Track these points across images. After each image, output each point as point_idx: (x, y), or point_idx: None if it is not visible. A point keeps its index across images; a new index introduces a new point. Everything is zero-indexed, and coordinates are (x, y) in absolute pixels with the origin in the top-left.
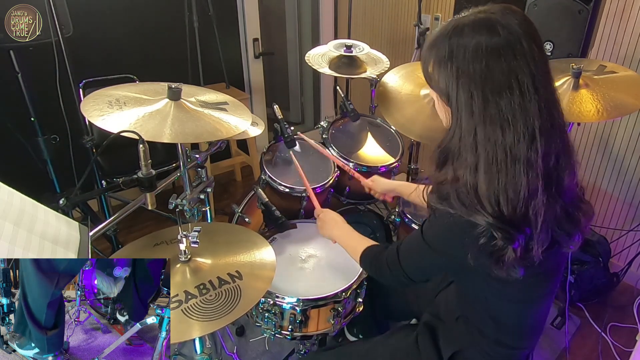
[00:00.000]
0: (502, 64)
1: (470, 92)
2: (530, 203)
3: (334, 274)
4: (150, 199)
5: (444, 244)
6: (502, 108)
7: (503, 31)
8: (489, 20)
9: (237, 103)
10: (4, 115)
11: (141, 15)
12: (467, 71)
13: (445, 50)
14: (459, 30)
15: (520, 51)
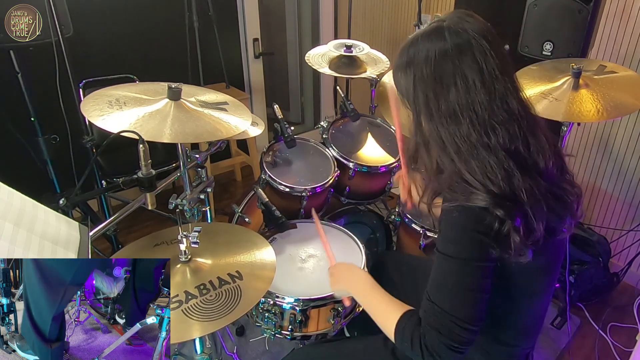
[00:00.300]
0: (449, 64)
1: (425, 94)
2: (511, 182)
3: None
4: (150, 199)
5: (467, 244)
6: (452, 104)
7: (450, 36)
8: (438, 27)
9: (237, 103)
10: (4, 115)
11: (141, 15)
12: (421, 75)
13: (404, 59)
14: (415, 40)
15: (467, 51)
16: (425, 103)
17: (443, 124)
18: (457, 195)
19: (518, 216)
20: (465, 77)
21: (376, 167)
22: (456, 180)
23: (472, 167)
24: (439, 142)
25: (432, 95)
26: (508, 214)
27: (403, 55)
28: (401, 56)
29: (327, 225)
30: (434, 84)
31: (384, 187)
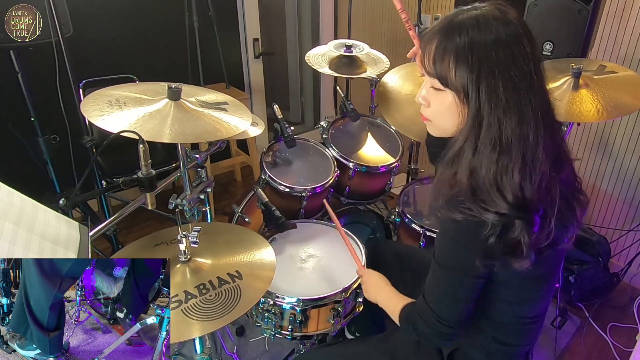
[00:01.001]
0: (523, 49)
1: (495, 82)
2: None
3: (334, 274)
4: (150, 199)
5: (456, 258)
6: (524, 94)
7: (515, 20)
8: (499, 10)
9: (237, 103)
10: (4, 115)
11: (141, 15)
12: (490, 60)
13: (464, 42)
14: (473, 22)
15: (528, 39)
16: (490, 93)
17: (510, 117)
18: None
19: (536, 222)
20: (532, 67)
21: (376, 167)
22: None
23: (519, 169)
24: (493, 137)
25: (504, 83)
26: (528, 221)
27: (458, 37)
28: (454, 39)
29: (327, 225)
30: (507, 70)
31: (384, 187)
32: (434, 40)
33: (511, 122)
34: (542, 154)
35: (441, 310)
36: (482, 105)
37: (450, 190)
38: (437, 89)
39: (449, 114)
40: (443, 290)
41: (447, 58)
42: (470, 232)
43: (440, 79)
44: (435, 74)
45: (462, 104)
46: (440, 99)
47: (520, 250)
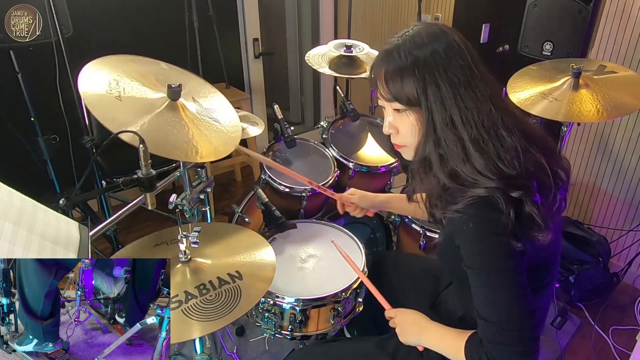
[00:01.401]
0: (455, 53)
1: (437, 83)
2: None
3: (334, 274)
4: (150, 199)
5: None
6: (467, 87)
7: (444, 29)
8: (428, 25)
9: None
10: (4, 115)
11: (141, 16)
12: (431, 67)
13: (405, 59)
14: (409, 41)
15: (460, 40)
16: (436, 95)
17: (459, 111)
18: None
19: (536, 191)
20: (469, 63)
21: (376, 167)
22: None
23: (487, 153)
24: (453, 134)
25: (446, 82)
26: (526, 192)
27: (401, 55)
28: (396, 59)
29: (327, 225)
30: (445, 71)
31: (384, 187)
32: (382, 68)
33: (458, 116)
34: (504, 131)
35: (507, 314)
36: (432, 108)
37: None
38: (398, 111)
39: (415, 131)
40: (497, 292)
41: (395, 77)
42: (486, 216)
43: (397, 99)
44: (392, 96)
45: (419, 116)
46: (404, 121)
47: (537, 223)
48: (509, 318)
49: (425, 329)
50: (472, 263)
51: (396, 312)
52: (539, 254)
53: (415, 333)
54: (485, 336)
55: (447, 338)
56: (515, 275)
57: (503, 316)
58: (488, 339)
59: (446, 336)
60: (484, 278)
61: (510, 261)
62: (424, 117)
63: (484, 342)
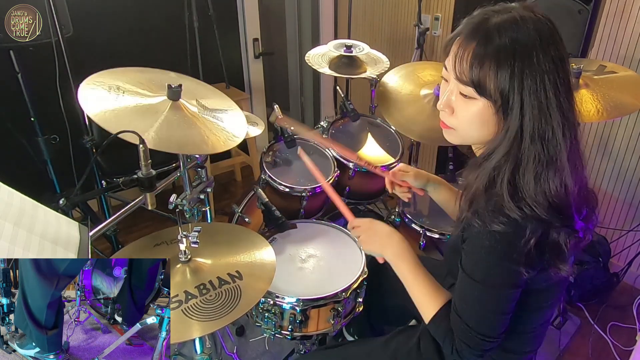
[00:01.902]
0: (561, 53)
1: (538, 89)
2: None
3: (334, 274)
4: (150, 199)
5: (496, 271)
6: (567, 96)
7: (547, 20)
8: (531, 11)
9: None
10: (4, 115)
11: (141, 16)
12: (532, 66)
13: (506, 46)
14: (511, 24)
15: (560, 39)
16: (537, 96)
17: (551, 127)
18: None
19: (579, 226)
20: (566, 70)
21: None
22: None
23: (562, 176)
24: (548, 144)
25: (551, 87)
26: (569, 227)
27: (494, 44)
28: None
29: (327, 226)
30: (555, 73)
31: (384, 187)
32: (471, 44)
33: (556, 134)
34: (580, 159)
35: (483, 328)
36: (526, 114)
37: (488, 201)
38: (467, 97)
39: (478, 123)
40: (483, 307)
41: (488, 63)
42: (510, 243)
43: (476, 86)
44: (470, 80)
45: (495, 113)
46: (469, 108)
47: (563, 254)
48: (484, 330)
49: (398, 247)
50: (472, 272)
51: (362, 221)
52: (545, 280)
53: (382, 244)
54: (456, 330)
55: (419, 277)
56: (507, 302)
57: (479, 326)
58: (460, 336)
59: (419, 273)
60: (477, 290)
61: (509, 289)
62: (513, 121)
63: (455, 334)
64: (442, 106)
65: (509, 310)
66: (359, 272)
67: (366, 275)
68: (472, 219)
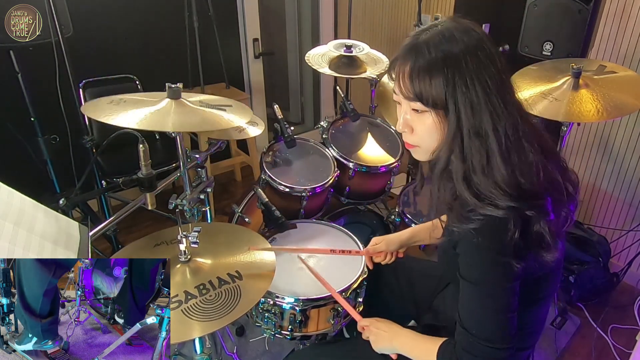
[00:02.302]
0: (487, 55)
1: (467, 87)
2: (546, 174)
3: (334, 274)
4: (150, 199)
5: (490, 268)
6: (498, 93)
7: (474, 28)
8: (458, 22)
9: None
10: (4, 115)
11: (141, 16)
12: (462, 69)
13: (437, 57)
14: (439, 37)
15: (489, 42)
16: (466, 98)
17: (491, 117)
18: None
19: (550, 210)
20: (498, 66)
21: (376, 167)
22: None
23: (510, 165)
24: (483, 139)
25: (478, 85)
26: (541, 211)
27: (429, 52)
28: (423, 59)
29: (327, 226)
30: (478, 74)
31: (384, 187)
32: (406, 63)
33: (490, 124)
34: (526, 144)
35: (485, 334)
36: (461, 114)
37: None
38: (418, 112)
39: (434, 134)
40: (486, 309)
41: (423, 75)
42: (496, 238)
43: (420, 99)
44: (414, 94)
45: (442, 120)
46: (423, 121)
47: (546, 241)
48: (490, 335)
49: (398, 335)
50: (468, 275)
51: (370, 321)
52: (542, 267)
53: (387, 339)
54: (460, 342)
55: (419, 342)
56: (508, 298)
57: (483, 332)
58: (463, 345)
59: (419, 341)
60: (477, 293)
61: (507, 283)
62: (451, 122)
63: (457, 347)
64: (402, 127)
65: (512, 307)
66: (359, 272)
67: (366, 275)
68: (453, 226)
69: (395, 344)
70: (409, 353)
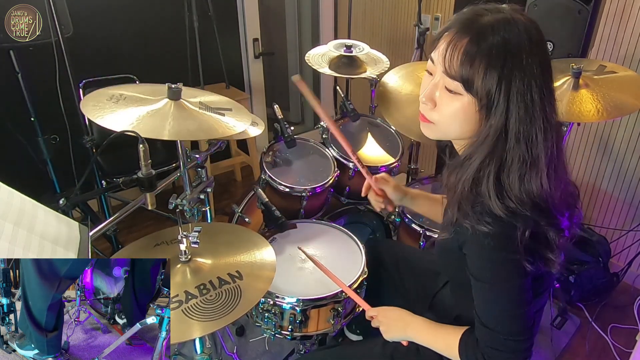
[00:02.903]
0: (546, 56)
1: (525, 91)
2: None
3: (334, 272)
4: (150, 199)
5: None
6: (550, 100)
7: (535, 25)
8: (520, 14)
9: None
10: (4, 115)
11: (141, 16)
12: (522, 67)
13: (498, 46)
14: (504, 25)
15: (547, 48)
16: (524, 99)
17: (535, 129)
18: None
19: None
20: (550, 74)
21: (376, 167)
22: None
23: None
24: (532, 145)
25: (532, 91)
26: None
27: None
28: (485, 43)
29: (327, 225)
30: (540, 75)
31: None
32: (464, 39)
33: (539, 135)
34: (561, 162)
35: (505, 329)
36: (511, 114)
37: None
38: (453, 92)
39: (461, 120)
40: (502, 307)
41: (478, 61)
42: (508, 237)
43: (464, 82)
44: (459, 75)
45: (478, 111)
46: (453, 103)
47: (552, 247)
48: (509, 329)
49: (411, 323)
50: (481, 275)
51: (378, 310)
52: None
53: (400, 328)
54: (483, 339)
55: (436, 332)
56: (522, 294)
57: (503, 327)
58: (487, 343)
59: (434, 330)
60: (492, 291)
61: (519, 279)
62: (497, 121)
63: (480, 343)
64: (425, 99)
65: (527, 301)
66: (359, 272)
67: (366, 275)
68: (461, 221)
69: (409, 332)
70: (424, 341)
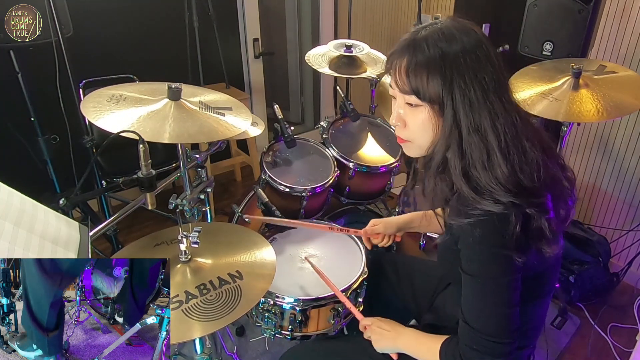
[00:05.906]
0: (484, 54)
1: (466, 84)
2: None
3: (334, 274)
4: (150, 199)
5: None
6: (496, 93)
7: (473, 28)
8: (457, 22)
9: (238, 105)
10: (4, 115)
11: (141, 15)
12: (460, 67)
13: (435, 54)
14: (439, 35)
15: (488, 43)
16: (464, 97)
17: (489, 115)
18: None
19: (549, 207)
20: (494, 67)
21: (376, 167)
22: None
23: (513, 162)
24: (482, 136)
25: (477, 84)
26: (542, 209)
27: (424, 53)
28: (421, 55)
29: (326, 225)
30: (475, 73)
31: (384, 187)
32: (404, 57)
33: (489, 121)
34: (526, 142)
35: (487, 328)
36: (458, 111)
37: (458, 199)
38: (412, 105)
39: (427, 130)
40: (487, 303)
41: (420, 70)
42: (497, 231)
43: (416, 93)
44: (410, 89)
45: (437, 115)
46: (416, 116)
47: (546, 237)
48: (492, 329)
49: (401, 334)
50: (469, 268)
51: (372, 321)
52: (541, 262)
53: (391, 338)
54: (463, 338)
55: (422, 342)
56: (509, 292)
57: (486, 327)
58: (466, 341)
59: (421, 339)
60: (478, 286)
61: (507, 277)
62: (448, 118)
63: (460, 343)
64: (395, 120)
65: (513, 302)
66: (359, 272)
67: (366, 275)
68: (450, 220)
69: (398, 344)
70: (412, 352)
